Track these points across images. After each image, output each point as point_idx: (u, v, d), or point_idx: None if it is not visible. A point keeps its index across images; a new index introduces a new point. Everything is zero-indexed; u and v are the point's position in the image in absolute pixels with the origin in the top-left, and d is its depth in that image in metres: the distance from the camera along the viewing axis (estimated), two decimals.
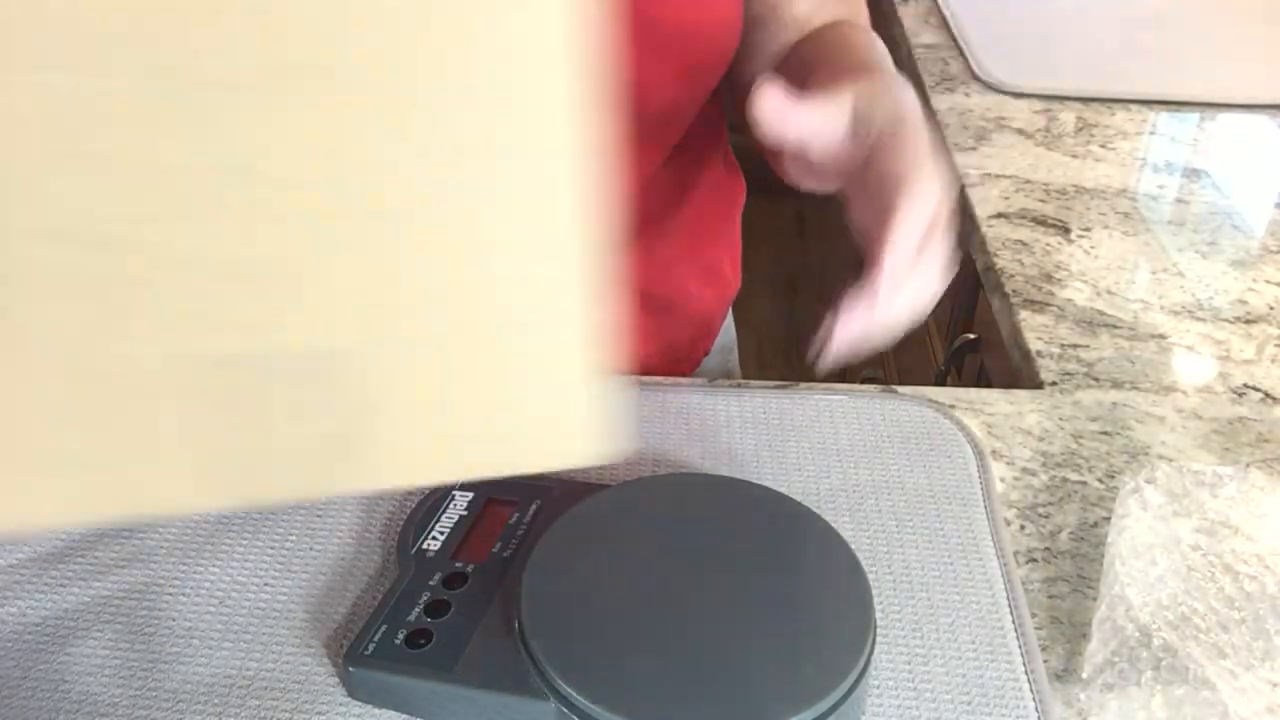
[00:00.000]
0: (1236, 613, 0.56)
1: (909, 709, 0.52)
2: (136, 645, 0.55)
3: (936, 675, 0.54)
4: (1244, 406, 0.75)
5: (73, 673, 0.54)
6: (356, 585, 0.58)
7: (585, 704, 0.48)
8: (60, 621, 0.57)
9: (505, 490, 0.60)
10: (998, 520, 0.62)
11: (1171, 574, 0.58)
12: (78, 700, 0.52)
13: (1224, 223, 0.99)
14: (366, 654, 0.51)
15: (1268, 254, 0.95)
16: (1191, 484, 0.64)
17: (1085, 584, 0.59)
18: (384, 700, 0.52)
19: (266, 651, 0.55)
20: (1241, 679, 0.53)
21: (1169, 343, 0.82)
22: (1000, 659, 0.54)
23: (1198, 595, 0.57)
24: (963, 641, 0.55)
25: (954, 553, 0.60)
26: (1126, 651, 0.54)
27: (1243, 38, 1.39)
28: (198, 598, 0.58)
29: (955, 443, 0.68)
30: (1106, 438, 0.72)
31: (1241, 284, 0.90)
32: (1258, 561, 0.59)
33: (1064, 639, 0.57)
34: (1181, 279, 0.90)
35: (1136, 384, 0.77)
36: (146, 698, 0.53)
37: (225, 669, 0.54)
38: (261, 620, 0.56)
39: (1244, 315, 0.86)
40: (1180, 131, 1.17)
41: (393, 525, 0.61)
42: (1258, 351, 0.82)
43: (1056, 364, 0.79)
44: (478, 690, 0.49)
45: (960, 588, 0.58)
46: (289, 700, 0.53)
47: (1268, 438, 0.72)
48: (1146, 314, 0.86)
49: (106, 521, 0.32)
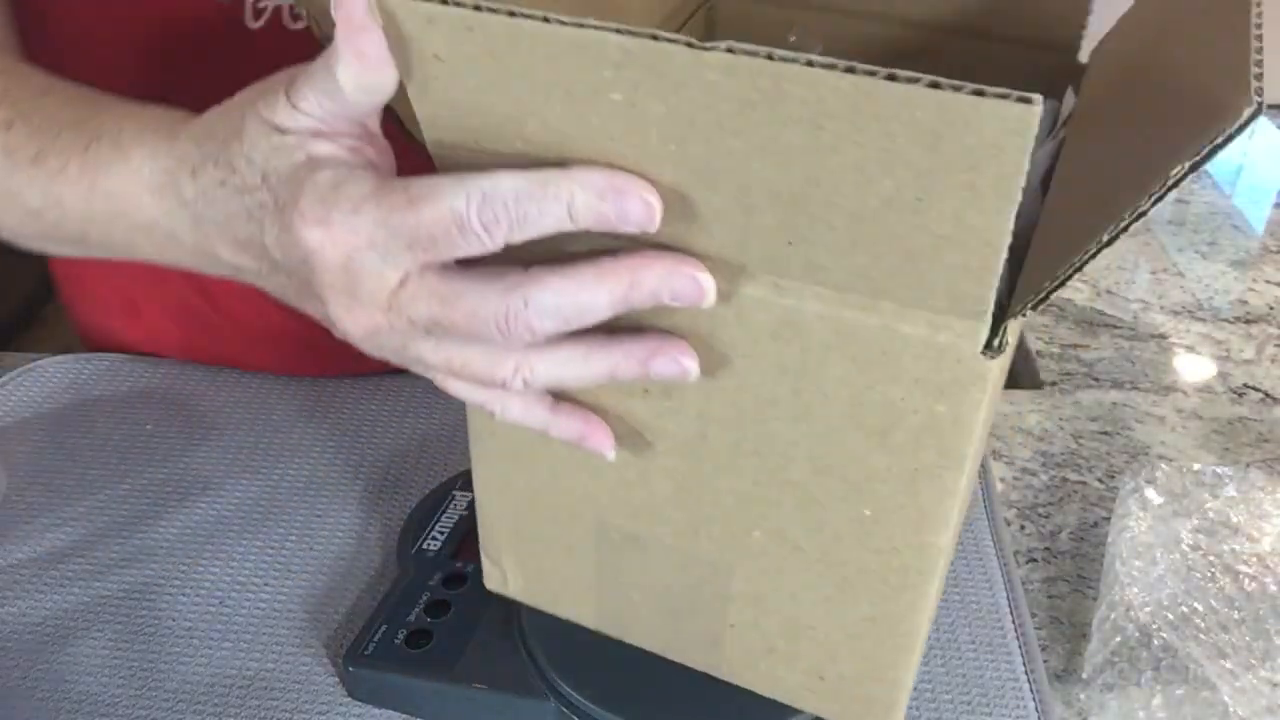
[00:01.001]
0: (1236, 613, 0.56)
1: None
2: (136, 645, 0.55)
3: (936, 675, 0.54)
4: (1244, 406, 0.75)
5: (73, 673, 0.54)
6: (356, 585, 0.58)
7: (585, 704, 0.48)
8: (60, 621, 0.57)
9: None
10: (998, 520, 0.62)
11: (1171, 574, 0.58)
12: (78, 700, 0.52)
13: (1224, 223, 0.99)
14: (366, 654, 0.51)
15: (1268, 254, 0.95)
16: (1191, 484, 0.64)
17: (1085, 584, 0.59)
18: (384, 700, 0.52)
19: (266, 651, 0.55)
20: (1241, 679, 0.53)
21: (1169, 343, 0.82)
22: (1000, 659, 0.54)
23: (1198, 595, 0.57)
24: (963, 641, 0.55)
25: (954, 552, 0.60)
26: (1126, 651, 0.54)
27: None
28: (198, 598, 0.58)
29: None
30: (1106, 438, 0.72)
31: (1241, 284, 0.90)
32: (1258, 561, 0.59)
33: (1064, 639, 0.57)
34: (1181, 279, 0.90)
35: (1136, 384, 0.77)
36: (146, 698, 0.53)
37: (225, 669, 0.54)
38: (261, 620, 0.56)
39: (1244, 315, 0.86)
40: None
41: (393, 525, 0.61)
42: (1258, 351, 0.82)
43: (1056, 364, 0.79)
44: (478, 690, 0.49)
45: (960, 588, 0.58)
46: (289, 700, 0.52)
47: (1268, 438, 0.72)
48: (1146, 314, 0.86)
49: None
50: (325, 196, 0.34)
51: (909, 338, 0.32)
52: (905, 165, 0.27)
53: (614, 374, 0.35)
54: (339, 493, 0.64)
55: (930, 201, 0.28)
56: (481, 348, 0.35)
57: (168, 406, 0.70)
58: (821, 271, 0.32)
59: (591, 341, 0.35)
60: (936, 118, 0.26)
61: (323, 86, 0.34)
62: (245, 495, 0.63)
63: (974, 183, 0.27)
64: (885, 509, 0.36)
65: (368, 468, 0.67)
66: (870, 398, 0.34)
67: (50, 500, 0.64)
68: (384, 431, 0.69)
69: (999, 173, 0.26)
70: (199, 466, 0.65)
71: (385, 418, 0.70)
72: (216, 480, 0.64)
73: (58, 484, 0.65)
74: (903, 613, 0.39)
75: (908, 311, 0.32)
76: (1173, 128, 0.29)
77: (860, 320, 0.32)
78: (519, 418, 0.38)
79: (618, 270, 0.33)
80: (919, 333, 0.32)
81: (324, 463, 0.66)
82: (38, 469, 0.66)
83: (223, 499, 0.63)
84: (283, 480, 0.64)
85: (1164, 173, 0.27)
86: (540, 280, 0.33)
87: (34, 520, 0.63)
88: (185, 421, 0.69)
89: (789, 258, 0.32)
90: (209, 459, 0.66)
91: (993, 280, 0.29)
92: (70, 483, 0.65)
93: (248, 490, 0.64)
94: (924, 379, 0.33)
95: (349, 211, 0.33)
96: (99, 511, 0.63)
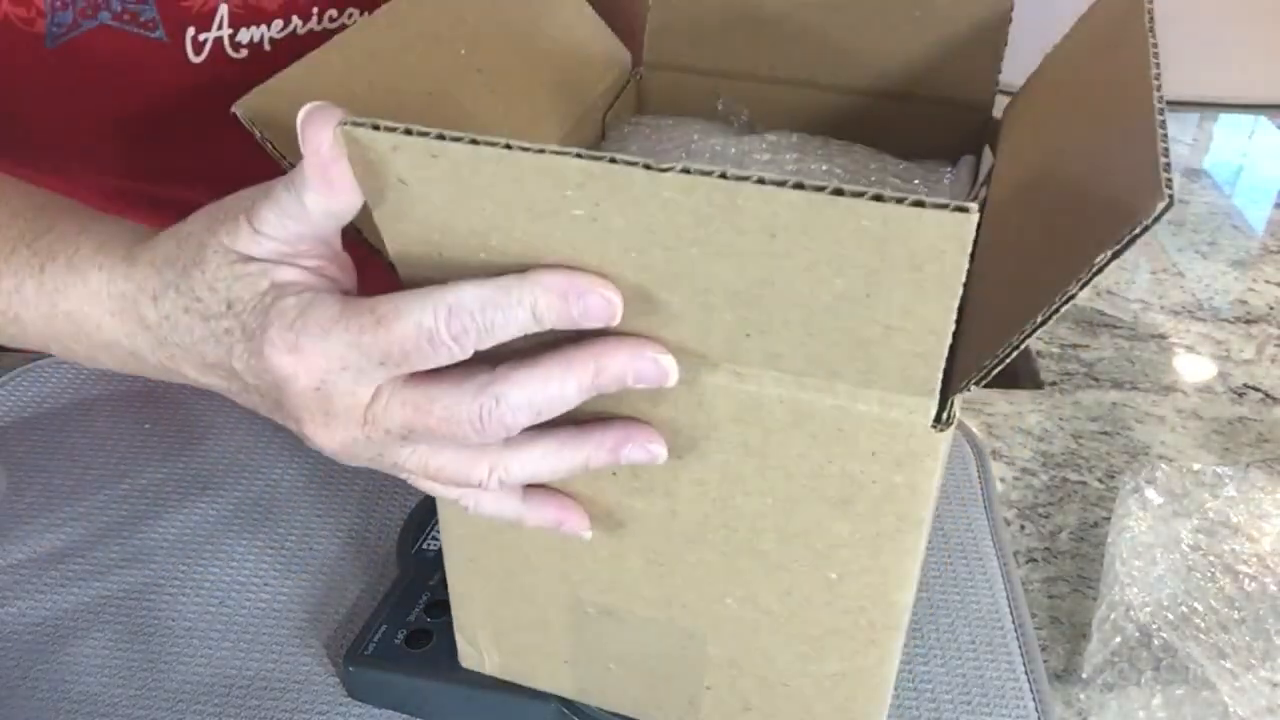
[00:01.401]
0: (1236, 613, 0.56)
1: (909, 709, 0.52)
2: (136, 645, 0.55)
3: (936, 675, 0.54)
4: (1244, 406, 0.75)
5: (73, 673, 0.54)
6: (356, 585, 0.58)
7: (585, 704, 0.48)
8: (60, 621, 0.57)
9: None
10: (998, 520, 0.62)
11: (1171, 574, 0.58)
12: (78, 700, 0.52)
13: (1224, 223, 0.99)
14: (366, 654, 0.51)
15: (1268, 254, 0.95)
16: (1191, 484, 0.64)
17: (1085, 584, 0.59)
18: (384, 700, 0.52)
19: (266, 651, 0.55)
20: (1241, 679, 0.53)
21: (1169, 343, 0.82)
22: (1000, 659, 0.54)
23: (1198, 595, 0.57)
24: (963, 641, 0.55)
25: (954, 553, 0.60)
26: (1126, 651, 0.54)
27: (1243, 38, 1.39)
28: (198, 598, 0.58)
29: (955, 443, 0.68)
30: (1106, 438, 0.72)
31: (1241, 284, 0.90)
32: (1258, 561, 0.59)
33: (1064, 639, 0.57)
34: (1181, 279, 0.90)
35: (1136, 384, 0.77)
36: (146, 698, 0.53)
37: (225, 669, 0.54)
38: (261, 620, 0.56)
39: (1244, 315, 0.86)
40: (1180, 131, 1.17)
41: (393, 525, 0.61)
42: (1258, 351, 0.82)
43: (1056, 364, 0.79)
44: (478, 690, 0.49)
45: (960, 588, 0.58)
46: (289, 700, 0.52)
47: (1268, 438, 0.72)
48: (1146, 314, 0.86)
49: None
50: (293, 323, 0.35)
51: (864, 415, 0.34)
52: (855, 266, 0.29)
53: (587, 464, 0.37)
54: (339, 493, 0.64)
55: (879, 296, 0.30)
56: (456, 450, 0.36)
57: (168, 406, 0.70)
58: (779, 359, 0.34)
59: (563, 435, 0.36)
60: (882, 226, 0.28)
61: (288, 211, 0.35)
62: (245, 495, 0.63)
63: (919, 280, 0.29)
64: (850, 572, 0.38)
65: (367, 468, 0.67)
66: (830, 471, 0.36)
67: (50, 500, 0.64)
68: None
69: (941, 270, 0.28)
70: (199, 466, 0.65)
71: None
72: (216, 480, 0.64)
73: (58, 484, 0.65)
74: (872, 667, 0.41)
75: (861, 391, 0.34)
76: (1093, 216, 0.31)
77: (817, 401, 0.34)
78: (493, 512, 0.39)
79: (583, 359, 0.34)
80: (873, 410, 0.34)
81: (324, 463, 0.65)
82: (38, 469, 0.66)
83: (223, 499, 0.63)
84: (283, 480, 0.64)
85: (1089, 260, 0.29)
86: (510, 378, 0.34)
87: (34, 520, 0.63)
88: (185, 421, 0.69)
89: (748, 348, 0.33)
90: (209, 459, 0.66)
91: (940, 363, 0.32)
92: (70, 483, 0.65)
93: (248, 490, 0.64)
94: (880, 452, 0.35)
95: (318, 336, 0.34)
96: (99, 511, 0.63)
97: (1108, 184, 0.33)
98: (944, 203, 0.27)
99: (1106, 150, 0.35)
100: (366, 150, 0.32)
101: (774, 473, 0.37)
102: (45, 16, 0.54)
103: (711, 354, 0.34)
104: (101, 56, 0.56)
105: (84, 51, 0.55)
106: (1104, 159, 0.35)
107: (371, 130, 0.31)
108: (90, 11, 0.54)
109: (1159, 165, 0.29)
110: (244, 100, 0.37)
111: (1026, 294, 0.32)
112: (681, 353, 0.34)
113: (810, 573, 0.39)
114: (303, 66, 0.40)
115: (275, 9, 0.58)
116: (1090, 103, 0.40)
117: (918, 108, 0.55)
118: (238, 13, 0.57)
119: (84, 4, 0.54)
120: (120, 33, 0.55)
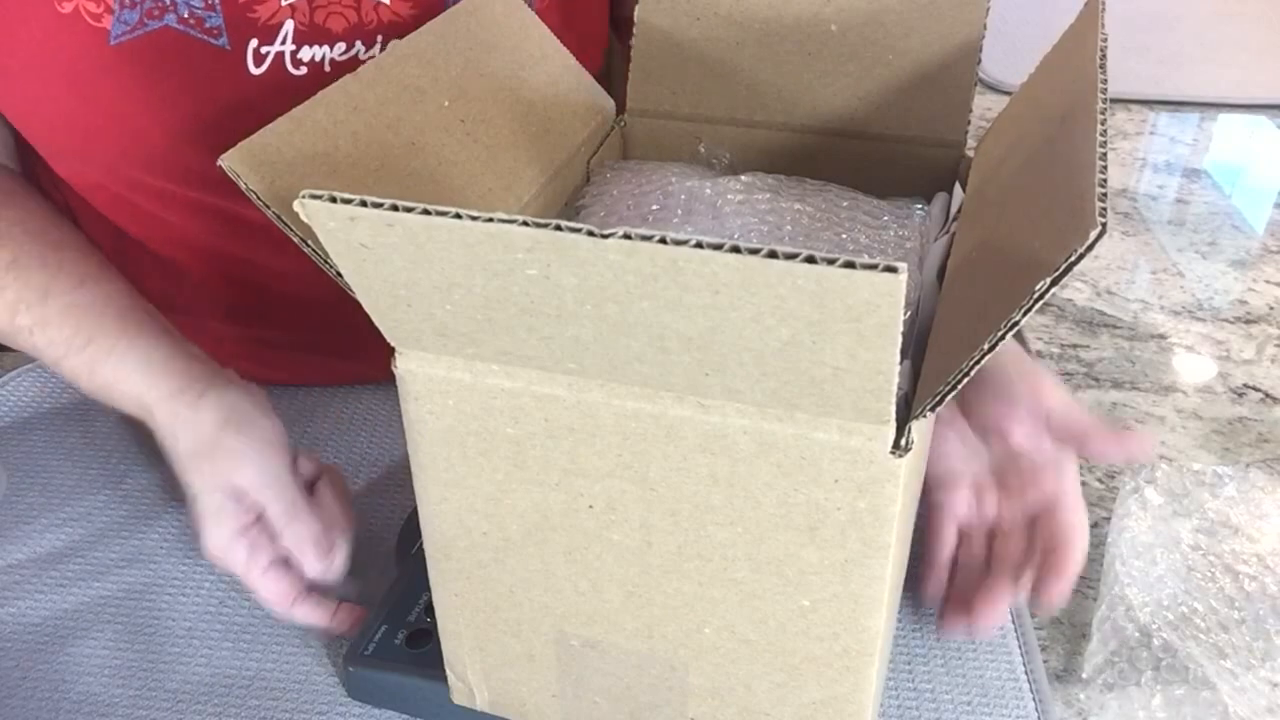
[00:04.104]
0: (1236, 613, 0.56)
1: (909, 709, 0.52)
2: (136, 645, 0.55)
3: (936, 675, 0.54)
4: (1244, 406, 0.75)
5: (73, 673, 0.54)
6: (356, 586, 0.58)
7: None
8: (60, 621, 0.57)
9: None
10: None
11: (1171, 574, 0.58)
12: (78, 700, 0.52)
13: (1224, 223, 0.99)
14: (366, 654, 0.51)
15: (1268, 254, 0.95)
16: (1191, 484, 0.64)
17: (1085, 584, 0.59)
18: (384, 700, 0.52)
19: (266, 651, 0.55)
20: (1241, 679, 0.53)
21: (1169, 343, 0.82)
22: (1000, 659, 0.54)
23: (1198, 595, 0.57)
24: (963, 642, 0.55)
25: None
26: (1126, 651, 0.54)
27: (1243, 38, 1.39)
28: (198, 598, 0.58)
29: None
30: None
31: (1241, 284, 0.90)
32: (1258, 561, 0.59)
33: (1064, 639, 0.57)
34: (1181, 279, 0.90)
35: (1136, 384, 0.77)
36: (146, 698, 0.53)
37: (225, 669, 0.54)
38: (261, 620, 0.56)
39: (1244, 315, 0.86)
40: (1180, 131, 1.17)
41: (393, 525, 0.61)
42: (1258, 351, 0.82)
43: (1056, 364, 0.79)
44: None
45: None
46: (289, 700, 0.53)
47: (1268, 438, 0.72)
48: (1146, 314, 0.86)
49: None
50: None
51: (824, 443, 0.35)
52: (796, 318, 0.31)
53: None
54: None
55: (823, 342, 0.31)
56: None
57: None
58: (739, 394, 0.35)
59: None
60: (817, 285, 0.29)
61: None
62: None
63: (859, 329, 0.30)
64: (822, 598, 0.39)
65: (368, 468, 0.67)
66: (796, 499, 0.37)
67: (50, 500, 0.64)
68: (384, 432, 0.69)
69: (878, 321, 0.30)
70: None
71: (385, 419, 0.70)
72: None
73: (58, 484, 0.65)
74: (849, 694, 0.42)
75: (820, 420, 0.35)
76: (1037, 249, 0.33)
77: (779, 430, 0.36)
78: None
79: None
80: (833, 438, 0.35)
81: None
82: (38, 469, 0.66)
83: None
84: None
85: (1030, 286, 0.31)
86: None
87: (34, 520, 0.63)
88: None
89: (709, 384, 0.35)
90: None
91: (890, 396, 0.33)
92: (70, 483, 0.65)
93: None
94: (843, 479, 0.36)
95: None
96: (99, 511, 0.63)
97: (1047, 223, 0.34)
98: (873, 264, 0.28)
99: (1051, 189, 0.37)
100: (325, 223, 0.34)
101: (742, 502, 0.38)
102: (113, 13, 0.54)
103: (675, 389, 0.36)
104: (162, 59, 0.56)
105: (145, 52, 0.56)
106: (1048, 198, 0.37)
107: (329, 203, 0.33)
108: (157, 13, 0.55)
109: (1095, 196, 0.31)
110: (230, 153, 0.39)
111: (979, 324, 0.34)
112: (646, 388, 0.36)
113: (783, 600, 0.40)
114: (288, 120, 0.42)
115: (341, 32, 0.58)
116: (1043, 138, 0.42)
117: (893, 147, 0.57)
118: (303, 30, 0.57)
119: (152, 4, 0.55)
120: (184, 37, 0.56)
